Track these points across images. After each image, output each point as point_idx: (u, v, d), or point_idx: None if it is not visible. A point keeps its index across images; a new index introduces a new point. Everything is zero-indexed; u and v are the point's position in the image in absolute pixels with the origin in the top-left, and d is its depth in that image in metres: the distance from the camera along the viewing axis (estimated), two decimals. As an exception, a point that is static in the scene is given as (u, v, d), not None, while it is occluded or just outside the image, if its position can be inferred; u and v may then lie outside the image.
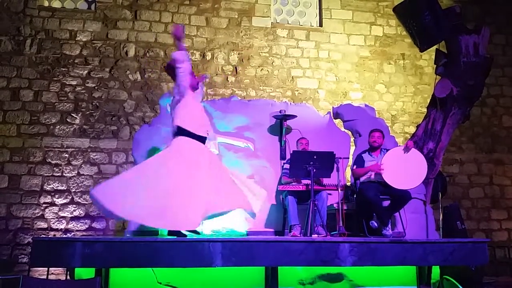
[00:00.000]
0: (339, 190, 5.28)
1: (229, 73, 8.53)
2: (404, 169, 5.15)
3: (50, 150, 7.69)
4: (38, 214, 7.46)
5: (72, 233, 7.46)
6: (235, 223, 5.54)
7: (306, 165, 5.04)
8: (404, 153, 5.24)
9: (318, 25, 9.19)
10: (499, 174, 9.22)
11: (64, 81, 7.93)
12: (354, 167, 5.49)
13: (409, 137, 7.27)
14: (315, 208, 4.99)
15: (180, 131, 4.58)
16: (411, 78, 9.26)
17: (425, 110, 6.96)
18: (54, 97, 7.85)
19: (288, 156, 5.79)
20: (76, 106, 7.89)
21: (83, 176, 7.71)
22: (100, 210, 5.00)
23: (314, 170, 5.03)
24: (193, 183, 4.38)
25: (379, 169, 5.17)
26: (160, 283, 4.32)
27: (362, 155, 5.51)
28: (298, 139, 5.81)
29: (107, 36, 8.22)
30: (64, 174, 7.66)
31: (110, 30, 8.24)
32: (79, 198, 7.62)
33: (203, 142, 4.69)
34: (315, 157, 5.06)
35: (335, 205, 5.54)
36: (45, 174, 7.60)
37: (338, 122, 6.71)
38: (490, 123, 9.39)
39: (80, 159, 7.74)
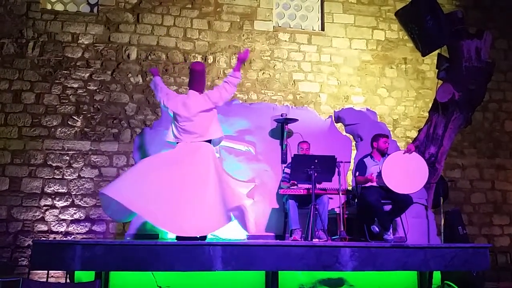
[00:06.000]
0: (341, 194, 5.26)
1: (231, 76, 8.52)
2: (405, 174, 5.13)
3: (51, 153, 7.68)
4: (39, 217, 7.45)
5: (72, 236, 7.45)
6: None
7: (307, 169, 5.03)
8: (404, 154, 5.22)
9: (320, 29, 9.19)
10: (501, 179, 9.18)
11: (66, 84, 7.93)
12: (357, 173, 5.46)
13: (411, 141, 7.25)
14: (316, 212, 4.98)
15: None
16: (413, 82, 9.24)
17: (427, 114, 6.94)
18: (55, 100, 7.85)
19: (289, 160, 5.78)
20: (77, 108, 7.89)
21: (83, 179, 7.70)
22: (108, 212, 4.85)
23: (315, 174, 5.01)
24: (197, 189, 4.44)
25: (373, 179, 5.20)
26: (160, 287, 4.31)
27: (364, 160, 5.48)
28: (299, 143, 5.78)
29: (109, 39, 8.22)
30: (64, 177, 7.65)
31: (112, 33, 8.25)
32: (79, 201, 7.60)
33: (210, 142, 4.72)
34: (316, 161, 5.05)
35: (336, 210, 5.52)
36: (46, 177, 7.59)
37: (339, 126, 6.70)
38: (492, 128, 9.37)
39: (81, 162, 7.73)
